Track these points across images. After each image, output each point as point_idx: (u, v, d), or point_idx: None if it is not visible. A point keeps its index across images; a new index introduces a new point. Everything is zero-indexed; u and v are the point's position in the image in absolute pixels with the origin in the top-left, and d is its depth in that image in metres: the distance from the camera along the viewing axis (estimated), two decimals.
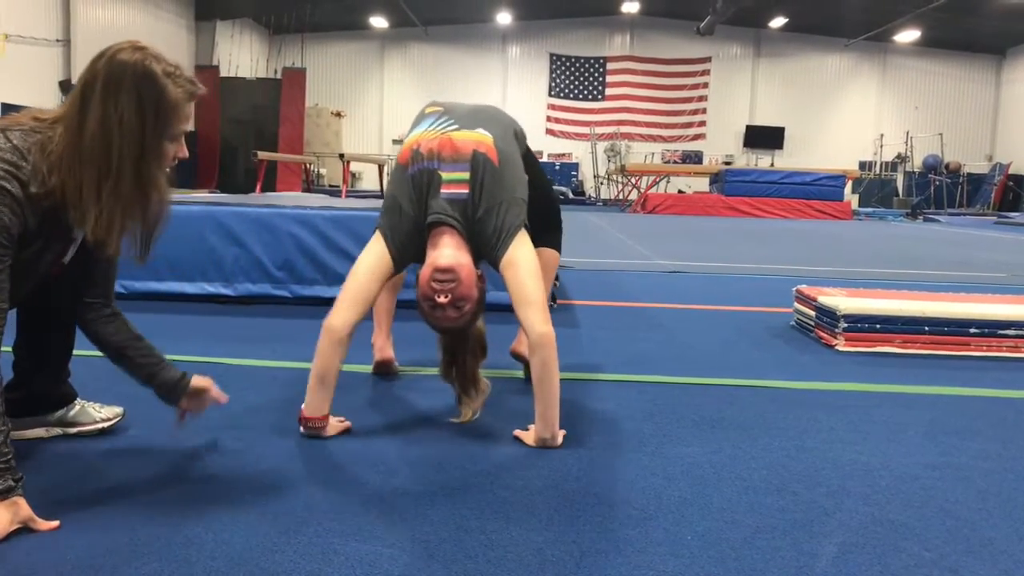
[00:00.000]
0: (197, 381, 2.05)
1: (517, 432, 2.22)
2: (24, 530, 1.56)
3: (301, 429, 2.15)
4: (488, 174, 2.20)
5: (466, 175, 2.19)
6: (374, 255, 2.22)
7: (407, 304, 2.58)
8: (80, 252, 1.91)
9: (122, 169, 1.68)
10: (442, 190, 2.19)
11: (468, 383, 2.34)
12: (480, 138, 2.25)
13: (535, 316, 2.14)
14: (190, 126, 1.81)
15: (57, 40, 14.63)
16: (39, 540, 1.53)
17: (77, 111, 1.67)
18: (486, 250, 2.22)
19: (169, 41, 18.69)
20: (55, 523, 1.59)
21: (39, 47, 14.00)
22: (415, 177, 2.22)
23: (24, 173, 1.64)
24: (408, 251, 2.24)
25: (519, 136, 2.50)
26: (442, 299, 2.11)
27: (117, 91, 1.65)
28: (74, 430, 2.13)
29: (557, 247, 2.86)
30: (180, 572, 1.43)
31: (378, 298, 2.75)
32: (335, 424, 2.20)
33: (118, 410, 2.20)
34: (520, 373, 2.86)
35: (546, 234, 2.80)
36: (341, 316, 2.15)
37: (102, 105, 1.65)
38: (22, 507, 1.57)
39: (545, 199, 2.83)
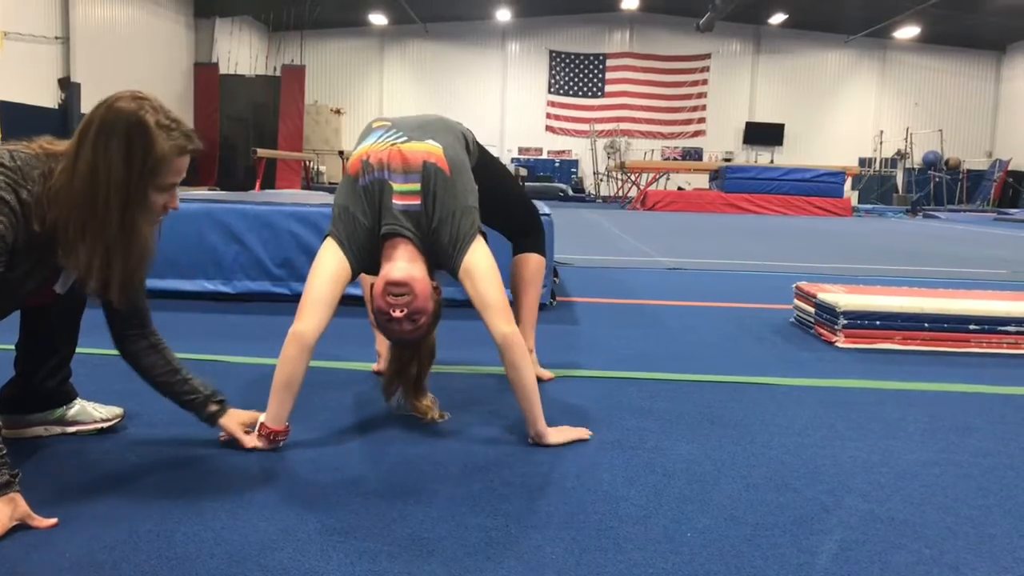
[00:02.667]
0: (232, 419, 2.07)
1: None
2: (23, 527, 1.56)
3: (260, 444, 2.05)
4: (439, 184, 2.18)
5: (417, 186, 2.17)
6: (332, 260, 2.16)
7: None
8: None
9: (107, 215, 1.70)
10: (394, 200, 2.16)
11: (417, 388, 2.32)
12: (430, 149, 2.22)
13: (496, 318, 2.12)
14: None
15: (56, 37, 14.61)
16: (38, 537, 1.53)
17: (74, 152, 1.71)
18: (444, 260, 2.20)
19: (168, 38, 18.68)
20: (53, 520, 1.58)
21: (38, 44, 13.97)
22: (367, 188, 2.18)
23: (25, 192, 1.67)
24: (364, 260, 2.20)
25: (471, 144, 2.47)
26: (397, 313, 2.08)
27: (108, 138, 1.68)
28: (73, 429, 2.13)
29: (541, 251, 2.78)
30: (180, 569, 1.43)
31: None
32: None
33: (118, 411, 2.19)
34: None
35: (526, 239, 2.76)
36: (307, 322, 2.08)
37: (93, 150, 1.69)
38: (19, 504, 1.57)
39: (518, 203, 2.80)
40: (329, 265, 2.15)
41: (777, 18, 23.96)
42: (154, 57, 17.81)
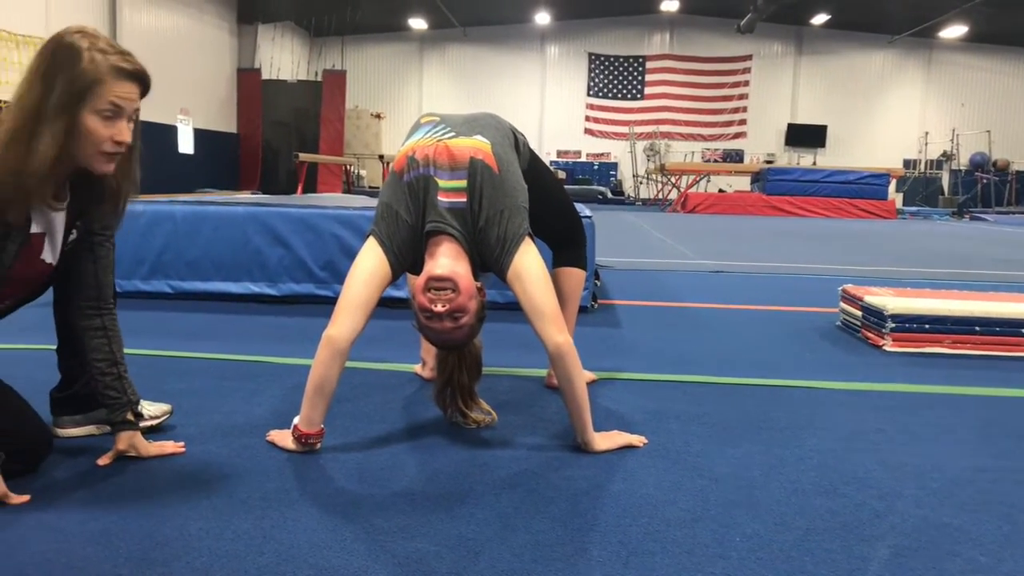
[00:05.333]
0: (122, 441, 1.94)
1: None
2: (80, 526, 1.59)
3: (294, 446, 2.07)
4: (487, 181, 2.13)
5: (464, 183, 2.12)
6: (372, 261, 2.12)
7: None
8: (69, 256, 1.90)
9: (16, 130, 1.65)
10: (439, 198, 2.12)
11: (465, 402, 2.26)
12: (478, 145, 2.18)
13: (548, 327, 2.06)
14: (133, 109, 1.76)
15: None
16: (94, 533, 1.56)
17: (19, 86, 1.69)
18: (491, 261, 2.14)
19: (212, 44, 18.95)
20: (26, 497, 1.69)
21: None
22: (411, 184, 2.14)
23: None
24: (406, 258, 2.16)
25: (522, 145, 2.43)
26: (439, 308, 2.02)
27: (41, 60, 1.67)
28: None
29: (582, 265, 2.71)
30: (230, 567, 1.45)
31: None
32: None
33: (166, 407, 2.22)
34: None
35: (569, 251, 2.68)
36: (342, 326, 2.05)
37: (28, 74, 1.68)
38: None
39: (565, 214, 2.70)
40: (367, 267, 2.11)
41: (819, 19, 23.67)
42: (198, 63, 18.08)
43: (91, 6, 14.56)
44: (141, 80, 1.74)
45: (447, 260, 2.07)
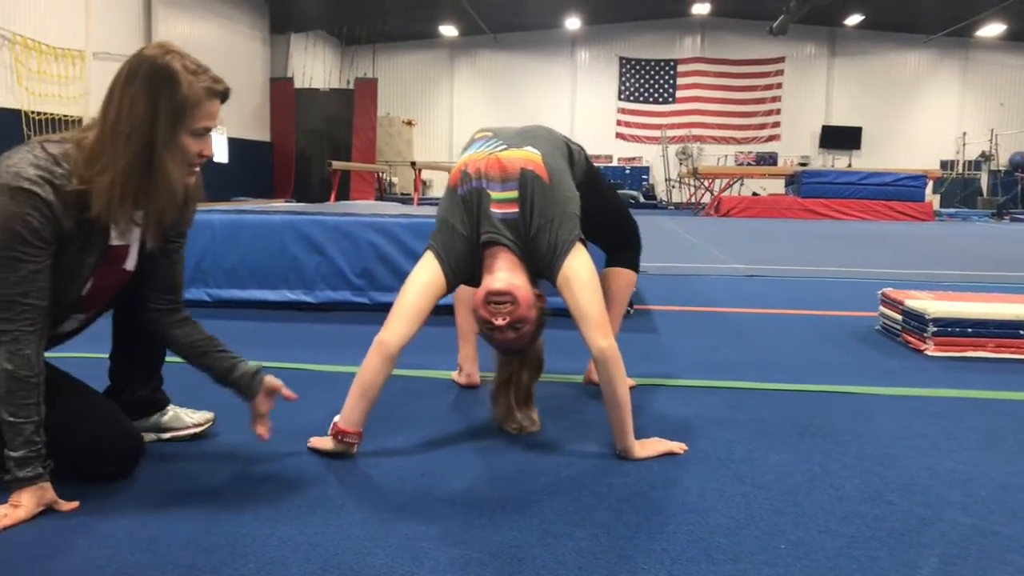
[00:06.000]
0: (270, 380, 2.08)
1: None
2: (129, 533, 1.61)
3: (331, 445, 2.10)
4: (537, 191, 2.17)
5: (515, 194, 2.17)
6: (427, 272, 2.18)
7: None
8: (144, 260, 1.97)
9: (135, 157, 1.71)
10: (492, 209, 2.16)
11: (522, 400, 2.30)
12: (528, 156, 2.22)
13: (594, 332, 2.08)
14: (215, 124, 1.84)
15: None
16: (142, 540, 1.58)
17: (104, 105, 1.74)
18: (543, 267, 2.18)
19: (245, 54, 19.17)
20: (75, 503, 1.73)
21: (121, 63, 14.49)
22: (465, 198, 2.20)
23: (58, 177, 1.69)
24: (462, 271, 2.21)
25: (574, 153, 2.46)
26: (500, 321, 2.08)
27: (133, 82, 1.71)
28: (168, 435, 2.19)
29: (634, 267, 2.80)
30: (276, 573, 1.46)
31: (463, 319, 2.77)
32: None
33: (209, 415, 2.25)
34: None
35: (622, 254, 2.77)
36: (394, 332, 2.10)
37: (120, 96, 1.72)
38: (48, 491, 1.70)
39: (623, 220, 2.81)
40: (422, 278, 2.17)
41: (853, 19, 23.43)
42: (232, 72, 18.23)
43: (127, 18, 14.80)
44: (225, 97, 1.83)
45: (504, 274, 2.12)
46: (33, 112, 11.81)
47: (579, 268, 2.13)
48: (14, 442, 1.67)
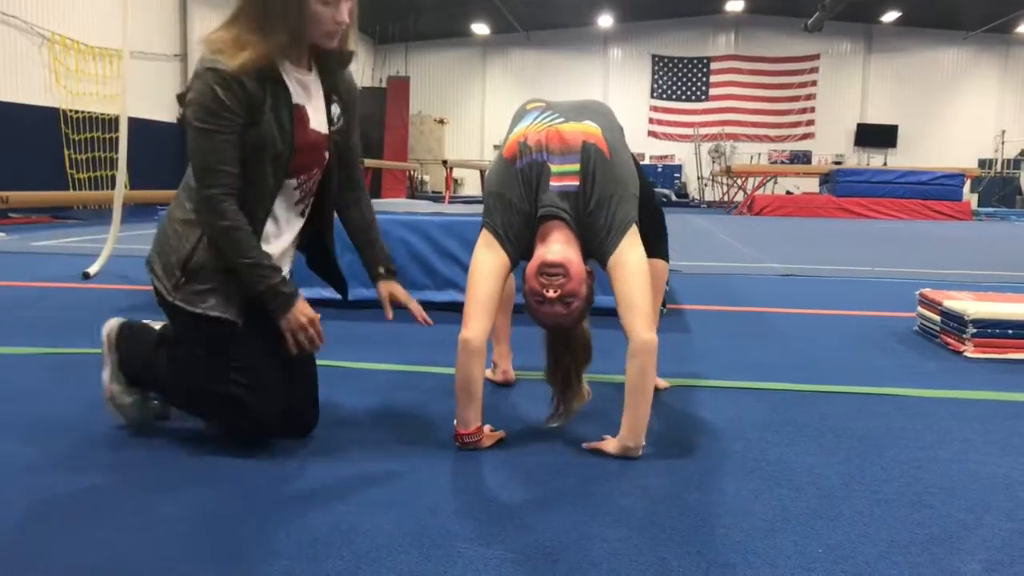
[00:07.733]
0: (385, 290, 2.43)
1: (590, 444, 2.15)
2: (168, 525, 1.62)
3: (458, 445, 2.13)
4: (599, 165, 2.13)
5: (576, 166, 2.13)
6: (490, 255, 2.15)
7: (519, 307, 2.57)
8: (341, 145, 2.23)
9: (274, 20, 1.93)
10: (552, 183, 2.13)
11: (569, 385, 2.25)
12: (588, 129, 2.19)
13: (639, 322, 2.05)
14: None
15: (174, 55, 15.29)
16: (179, 534, 1.59)
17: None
18: (594, 245, 2.14)
19: None
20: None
21: (158, 62, 14.63)
22: (524, 171, 2.16)
23: (223, 65, 1.90)
24: (522, 247, 2.18)
25: (622, 133, 2.45)
26: (551, 293, 2.04)
27: None
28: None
29: (665, 256, 2.77)
30: (310, 570, 1.47)
31: (498, 318, 2.75)
32: (489, 434, 2.18)
33: None
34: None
35: (652, 243, 2.68)
36: (474, 328, 2.09)
37: None
38: (305, 304, 2.10)
39: (649, 205, 2.71)
40: (488, 264, 2.15)
41: (890, 16, 23.10)
42: None
43: (164, 18, 14.97)
44: None
45: (559, 246, 2.09)
46: (71, 110, 11.99)
47: (632, 255, 2.10)
48: (262, 276, 2.00)
